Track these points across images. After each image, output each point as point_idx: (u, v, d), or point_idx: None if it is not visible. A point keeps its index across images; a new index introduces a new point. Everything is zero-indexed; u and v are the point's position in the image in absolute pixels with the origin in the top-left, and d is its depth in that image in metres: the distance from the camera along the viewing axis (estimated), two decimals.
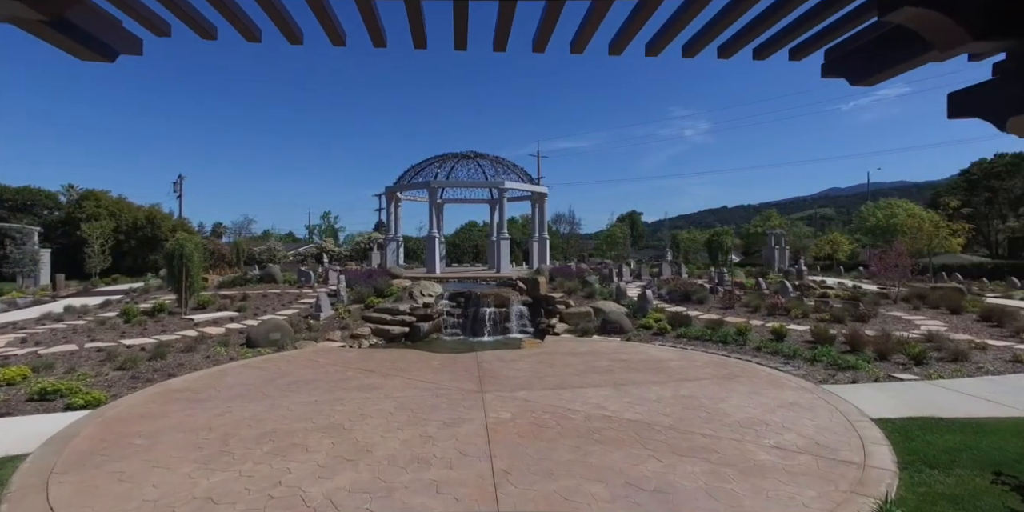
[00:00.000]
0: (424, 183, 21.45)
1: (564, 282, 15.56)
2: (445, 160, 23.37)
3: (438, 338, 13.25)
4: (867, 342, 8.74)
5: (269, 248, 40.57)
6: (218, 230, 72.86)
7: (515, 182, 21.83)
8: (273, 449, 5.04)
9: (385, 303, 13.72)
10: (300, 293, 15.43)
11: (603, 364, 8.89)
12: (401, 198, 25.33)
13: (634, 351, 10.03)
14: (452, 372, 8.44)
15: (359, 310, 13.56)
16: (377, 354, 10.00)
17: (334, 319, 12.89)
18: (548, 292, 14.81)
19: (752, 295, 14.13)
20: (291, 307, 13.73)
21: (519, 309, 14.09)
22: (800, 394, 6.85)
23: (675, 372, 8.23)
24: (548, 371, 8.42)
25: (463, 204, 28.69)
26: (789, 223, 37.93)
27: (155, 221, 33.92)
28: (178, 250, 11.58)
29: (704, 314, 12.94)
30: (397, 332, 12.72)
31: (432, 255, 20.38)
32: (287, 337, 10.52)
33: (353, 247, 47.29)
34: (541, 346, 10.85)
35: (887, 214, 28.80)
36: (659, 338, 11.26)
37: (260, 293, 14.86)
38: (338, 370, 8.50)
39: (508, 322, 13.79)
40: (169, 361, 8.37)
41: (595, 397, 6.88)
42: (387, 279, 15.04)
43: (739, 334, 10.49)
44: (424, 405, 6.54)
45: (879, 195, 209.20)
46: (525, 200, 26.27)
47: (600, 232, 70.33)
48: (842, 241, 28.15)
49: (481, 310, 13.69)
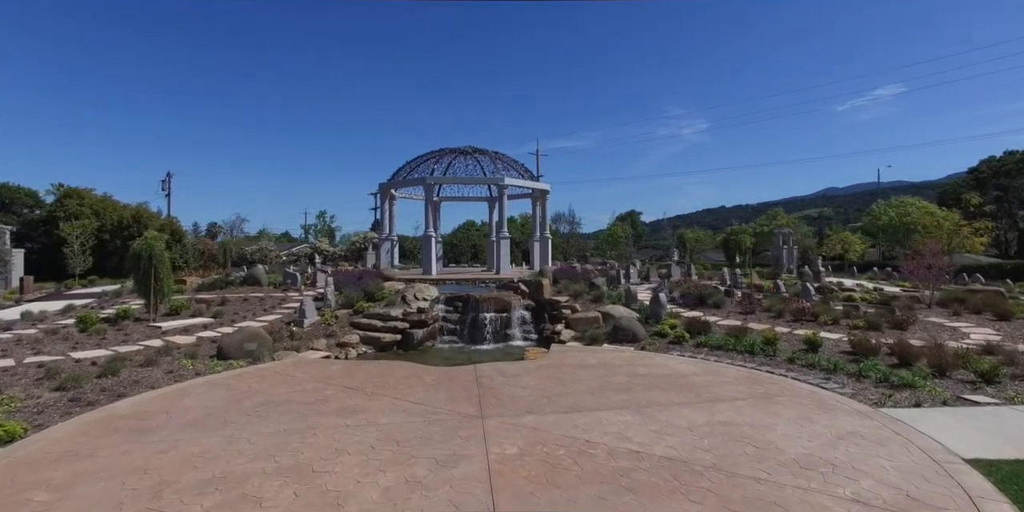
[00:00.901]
0: (419, 179, 20.37)
1: (569, 285, 14.50)
2: (442, 156, 22.28)
3: (433, 346, 12.17)
4: (918, 354, 7.70)
5: (261, 248, 39.45)
6: (213, 230, 71.55)
7: (515, 179, 20.77)
8: (217, 504, 3.96)
9: (376, 308, 12.65)
10: (285, 296, 14.34)
11: (619, 380, 7.84)
12: (396, 196, 24.24)
13: (651, 363, 8.97)
14: (448, 390, 7.38)
15: (347, 316, 12.48)
16: (364, 367, 8.93)
17: (319, 326, 11.80)
18: (552, 296, 13.74)
19: (773, 299, 13.09)
20: (273, 312, 12.63)
21: (521, 314, 13.02)
22: (859, 421, 5.79)
23: (703, 390, 7.18)
24: (558, 389, 7.36)
25: (461, 202, 27.60)
26: (796, 222, 36.92)
27: (142, 220, 32.71)
28: (145, 251, 10.48)
29: (723, 320, 11.90)
30: (388, 340, 11.65)
31: (428, 255, 19.30)
32: (264, 347, 9.44)
33: (348, 247, 46.22)
34: (547, 357, 9.79)
35: (900, 213, 27.81)
36: (676, 347, 10.21)
37: (241, 297, 13.75)
38: (317, 388, 7.43)
39: (509, 328, 12.72)
40: (122, 378, 7.28)
41: (616, 423, 5.82)
42: (378, 281, 13.97)
43: (767, 344, 9.45)
44: (413, 435, 5.47)
45: (877, 195, 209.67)
46: (525, 198, 25.20)
47: (599, 232, 69.29)
48: (853, 241, 27.16)
49: (480, 316, 12.62)
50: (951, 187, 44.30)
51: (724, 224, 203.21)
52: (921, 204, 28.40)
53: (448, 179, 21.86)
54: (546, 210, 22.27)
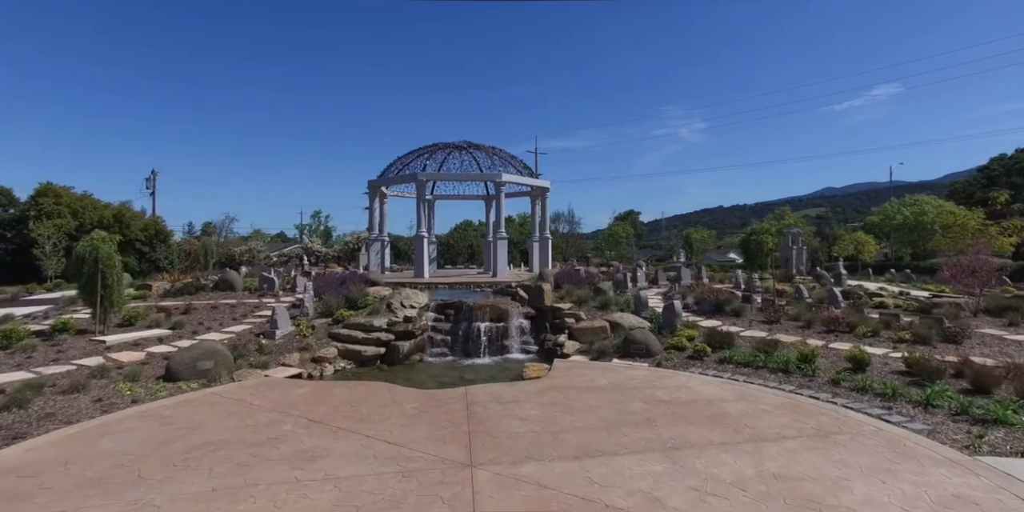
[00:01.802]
0: (411, 176, 19.05)
1: (572, 290, 13.21)
2: (436, 151, 20.96)
3: (421, 360, 10.88)
4: (998, 378, 6.44)
5: (250, 249, 38.09)
6: (208, 229, 69.70)
7: (513, 175, 19.46)
8: None
9: (358, 317, 11.33)
10: (260, 303, 13.02)
11: (637, 408, 6.56)
12: (388, 194, 22.92)
13: (672, 384, 7.70)
14: (432, 422, 6.09)
15: (326, 326, 11.17)
16: (336, 390, 7.62)
17: (293, 338, 10.50)
18: (554, 302, 12.45)
19: (800, 306, 11.82)
20: (243, 322, 11.32)
21: (520, 323, 11.73)
22: (959, 476, 4.52)
23: (741, 423, 5.91)
24: (564, 421, 6.08)
25: (457, 201, 26.27)
26: (804, 222, 35.61)
27: (123, 220, 31.30)
28: (90, 253, 9.15)
29: (745, 330, 10.63)
30: (370, 354, 10.35)
31: (420, 257, 17.99)
32: (223, 366, 8.13)
33: (342, 248, 44.86)
34: (550, 375, 8.50)
35: (915, 211, 26.59)
36: (697, 363, 8.94)
37: (210, 304, 12.42)
38: (274, 420, 6.13)
39: (507, 339, 11.43)
40: (32, 411, 5.97)
41: (642, 476, 4.55)
42: (362, 286, 12.65)
43: (803, 361, 8.18)
44: (381, 497, 4.18)
45: (873, 195, 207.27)
46: (524, 196, 23.90)
47: (598, 232, 67.86)
48: (867, 241, 25.92)
49: (474, 325, 11.32)
50: (961, 186, 43.12)
51: (722, 224, 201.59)
52: (937, 202, 27.18)
53: (441, 176, 20.56)
54: (546, 209, 21.00)
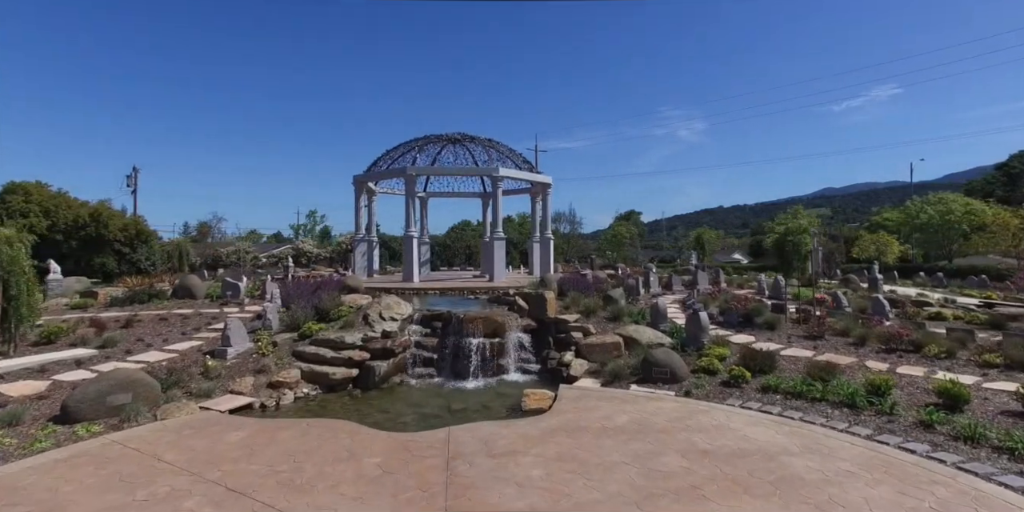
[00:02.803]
0: (399, 170, 17.38)
1: (579, 298, 11.52)
2: (428, 144, 19.30)
3: (402, 383, 9.20)
4: None
5: (237, 249, 36.40)
6: (203, 229, 67.75)
7: (512, 170, 17.80)
8: None
9: (328, 331, 9.66)
10: (220, 313, 11.34)
11: (673, 464, 4.90)
12: (377, 191, 21.27)
13: (710, 424, 6.04)
14: (397, 492, 4.44)
15: (290, 342, 9.50)
16: (282, 435, 5.95)
17: (249, 357, 8.83)
18: (558, 313, 10.77)
19: (846, 319, 10.14)
20: (194, 337, 9.64)
21: (518, 338, 10.05)
22: None
23: (822, 495, 4.24)
24: (577, 488, 4.42)
25: (453, 199, 24.60)
26: (820, 222, 33.87)
27: (101, 219, 29.63)
28: None
29: (786, 348, 8.93)
30: (340, 377, 8.67)
31: (409, 260, 16.33)
32: (144, 399, 6.46)
33: (335, 248, 43.16)
34: (556, 410, 6.83)
35: (941, 210, 24.90)
36: (734, 392, 7.28)
37: (159, 315, 10.73)
38: (174, 493, 4.46)
39: (503, 357, 9.74)
40: None
41: None
42: (337, 295, 10.97)
43: (875, 393, 6.52)
44: None
45: (875, 195, 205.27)
46: (523, 193, 22.25)
47: (598, 232, 66.05)
48: (891, 242, 24.22)
49: (465, 341, 9.64)
50: (978, 184, 41.43)
51: (723, 224, 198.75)
52: (964, 201, 25.49)
53: (432, 170, 18.90)
54: (548, 207, 19.34)
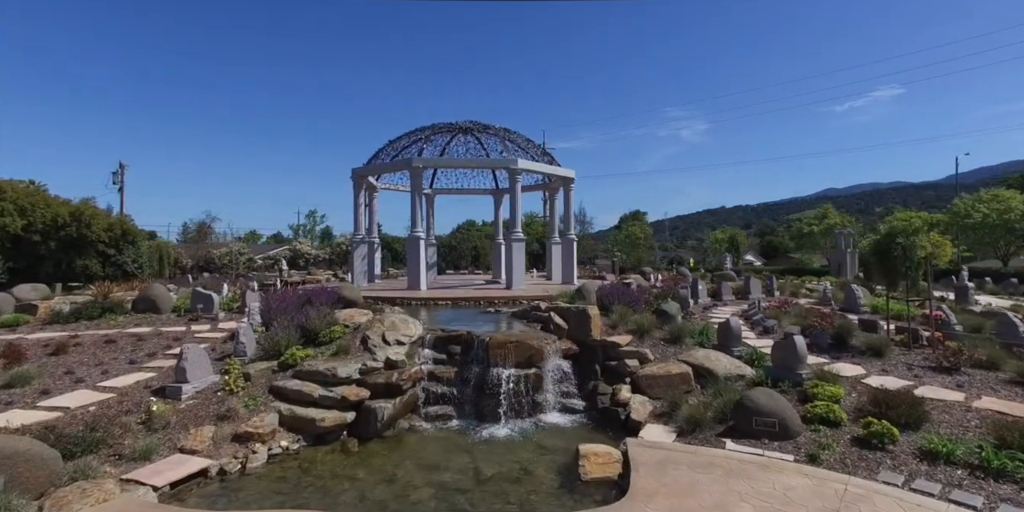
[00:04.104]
0: (404, 162, 15.28)
1: (627, 313, 9.37)
2: (435, 134, 17.21)
3: (413, 428, 7.09)
4: None
5: (230, 251, 34.30)
6: (203, 229, 65.00)
7: (531, 162, 15.70)
8: None
9: (317, 360, 7.55)
10: (187, 332, 9.23)
11: None
12: (378, 186, 19.19)
13: None
14: None
15: (268, 373, 7.39)
16: None
17: (213, 395, 6.74)
18: (604, 334, 8.64)
19: (987, 346, 7.94)
20: (145, 366, 7.54)
21: (558, 367, 7.95)
22: None
23: None
24: None
25: (459, 196, 22.50)
26: (853, 222, 31.65)
27: (83, 219, 27.56)
28: None
29: (920, 387, 6.72)
30: (331, 423, 6.58)
31: (416, 265, 14.24)
32: (21, 484, 4.34)
33: (334, 249, 41.07)
34: (638, 491, 4.70)
35: (997, 209, 22.73)
36: (882, 459, 5.18)
37: (106, 335, 8.60)
38: None
39: (540, 392, 7.63)
40: None
41: None
42: (330, 310, 8.85)
43: None
44: None
45: (877, 195, 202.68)
46: (537, 189, 20.16)
47: (601, 232, 63.75)
48: (944, 243, 22.03)
49: (492, 372, 7.53)
50: (1014, 179, 39.11)
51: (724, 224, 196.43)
52: (1021, 197, 23.30)
53: (442, 162, 16.82)
54: (570, 203, 17.19)
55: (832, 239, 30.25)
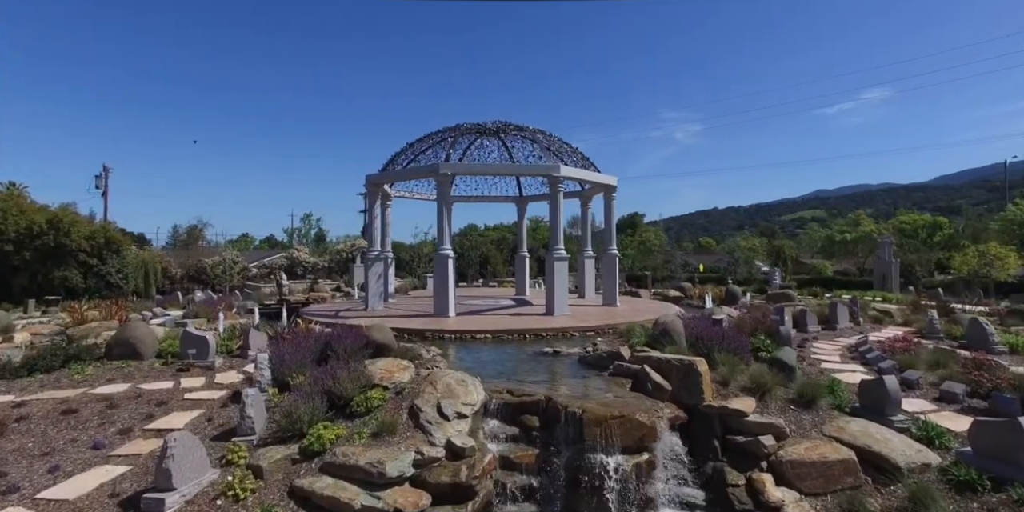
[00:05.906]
0: (430, 168, 13.28)
1: (735, 364, 7.42)
2: (459, 136, 15.24)
3: None
4: None
5: (224, 260, 31.97)
6: (194, 233, 61.37)
7: (574, 169, 13.78)
8: None
9: (353, 445, 5.54)
10: (174, 391, 7.16)
11: None
12: (393, 194, 17.22)
13: None
14: None
15: (286, 466, 5.38)
16: None
17: (209, 507, 4.73)
18: (717, 397, 6.70)
19: None
20: (113, 453, 5.50)
21: (671, 446, 6.01)
22: None
23: None
24: None
25: (468, 203, 20.44)
26: (891, 229, 29.92)
27: (61, 226, 25.30)
28: None
29: None
30: None
31: (444, 287, 12.26)
32: None
33: (332, 257, 38.83)
34: None
35: None
36: None
37: (64, 401, 6.53)
38: None
39: (649, 481, 5.69)
40: None
41: None
42: (359, 366, 6.83)
43: None
44: None
45: (866, 197, 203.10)
46: (571, 197, 18.20)
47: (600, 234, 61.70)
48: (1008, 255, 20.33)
49: (591, 459, 5.57)
50: (995, 184, 37.60)
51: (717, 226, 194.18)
52: None
53: (475, 168, 14.87)
54: (612, 213, 15.27)
55: (865, 245, 28.65)
